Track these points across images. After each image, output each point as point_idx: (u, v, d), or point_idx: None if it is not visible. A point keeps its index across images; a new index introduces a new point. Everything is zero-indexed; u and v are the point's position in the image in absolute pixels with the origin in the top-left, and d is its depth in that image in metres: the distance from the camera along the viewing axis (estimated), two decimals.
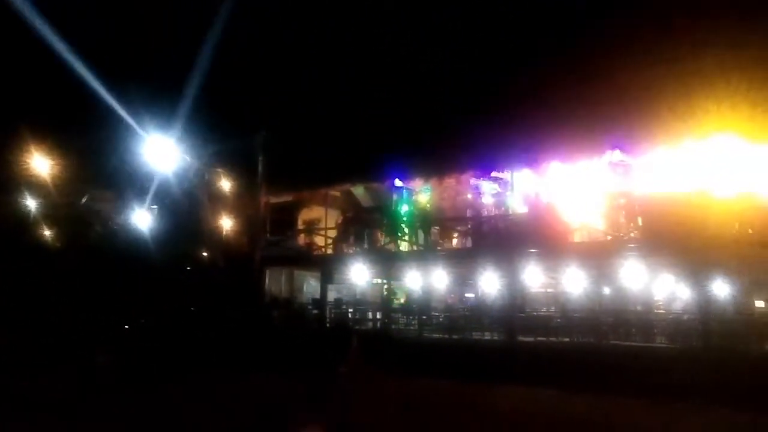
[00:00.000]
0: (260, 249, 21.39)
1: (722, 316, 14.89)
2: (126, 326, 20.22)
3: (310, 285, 22.12)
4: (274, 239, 21.98)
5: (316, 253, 21.21)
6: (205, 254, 22.09)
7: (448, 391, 13.53)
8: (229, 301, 20.22)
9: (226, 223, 22.39)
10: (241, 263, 21.47)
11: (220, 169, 20.83)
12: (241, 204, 22.14)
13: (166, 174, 20.51)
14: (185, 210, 22.83)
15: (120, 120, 18.95)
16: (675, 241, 14.81)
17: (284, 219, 22.10)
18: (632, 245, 16.14)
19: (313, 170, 20.25)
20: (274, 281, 22.45)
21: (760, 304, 16.09)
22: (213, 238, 22.20)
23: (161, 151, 19.56)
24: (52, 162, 19.48)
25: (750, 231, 14.33)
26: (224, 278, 20.80)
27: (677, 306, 16.64)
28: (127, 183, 20.87)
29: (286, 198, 22.04)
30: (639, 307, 16.99)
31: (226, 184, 21.12)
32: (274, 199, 21.88)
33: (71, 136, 19.54)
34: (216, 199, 22.00)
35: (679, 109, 14.22)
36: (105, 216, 20.92)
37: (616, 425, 10.88)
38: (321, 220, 21.80)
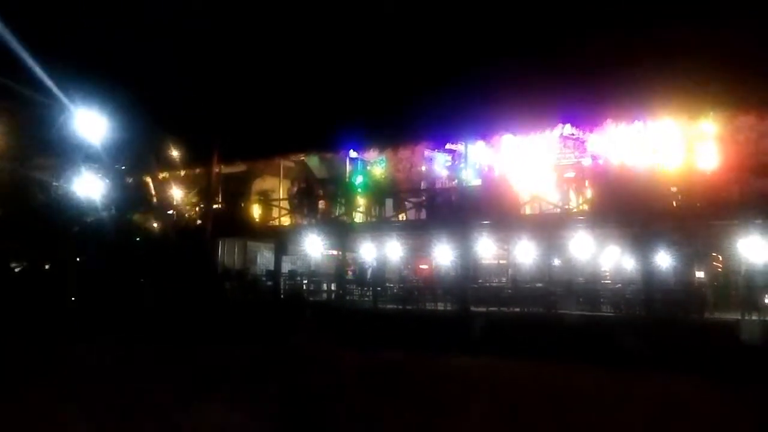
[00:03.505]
0: (212, 220, 21.04)
1: (665, 285, 15.46)
2: (71, 298, 19.70)
3: (264, 257, 21.94)
4: (226, 210, 21.62)
5: (270, 224, 20.97)
6: (155, 225, 21.60)
7: (401, 361, 13.70)
8: (180, 272, 19.87)
9: (177, 194, 21.90)
10: (193, 234, 21.10)
11: (170, 138, 20.25)
12: (193, 174, 21.66)
13: (112, 143, 19.85)
14: (134, 180, 22.22)
15: (64, 87, 18.20)
16: (622, 213, 15.26)
17: (237, 189, 21.71)
18: (581, 217, 16.56)
19: (266, 139, 19.86)
20: (228, 253, 22.17)
21: (699, 274, 16.77)
22: (163, 208, 21.71)
23: (108, 119, 18.91)
24: None
25: (697, 204, 14.83)
26: (175, 249, 20.40)
27: (622, 276, 17.20)
28: (71, 151, 20.10)
29: (239, 168, 21.62)
30: (586, 278, 17.49)
31: (176, 154, 20.58)
32: (226, 169, 21.45)
33: (10, 104, 18.64)
34: (167, 168, 21.46)
35: (629, 84, 14.48)
36: (48, 184, 20.11)
37: (563, 391, 11.24)
38: (275, 190, 21.52)
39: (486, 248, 18.22)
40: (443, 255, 18.19)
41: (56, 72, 17.97)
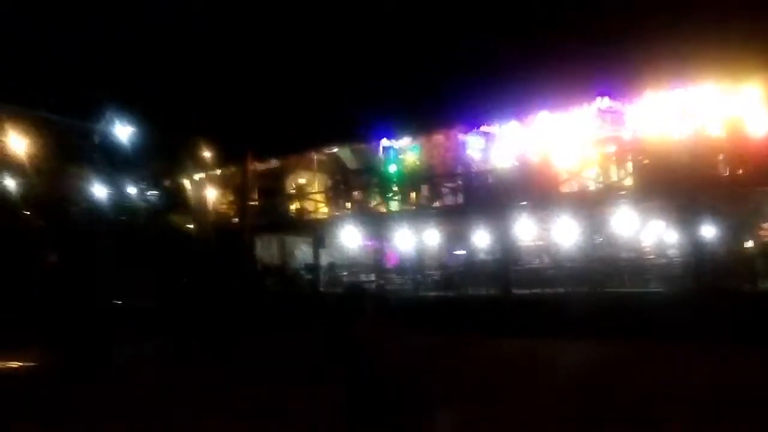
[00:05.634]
0: (249, 217, 21.22)
1: (713, 257, 15.00)
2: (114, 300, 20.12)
3: (302, 251, 22.05)
4: (263, 206, 21.80)
5: (306, 218, 21.05)
6: (193, 225, 21.92)
7: (452, 344, 13.65)
8: (221, 270, 20.14)
9: (214, 193, 22.18)
10: (232, 232, 21.35)
11: (204, 139, 20.50)
12: (229, 173, 21.90)
13: (147, 148, 20.20)
14: (171, 182, 22.58)
15: (99, 96, 18.61)
16: (665, 185, 14.84)
17: (272, 186, 21.86)
18: (623, 192, 16.16)
19: (299, 135, 19.93)
20: (266, 249, 22.35)
21: (749, 244, 16.22)
22: (201, 208, 22.01)
23: (143, 124, 19.25)
24: (29, 141, 19.08)
25: (740, 171, 14.35)
26: (214, 248, 20.69)
27: (669, 250, 16.74)
28: (109, 159, 20.54)
29: (272, 164, 21.75)
30: (631, 254, 17.08)
31: (211, 154, 20.83)
32: (261, 167, 21.59)
33: (46, 116, 19.12)
34: (203, 169, 21.74)
35: (666, 50, 14.06)
36: (88, 192, 20.58)
37: (614, 370, 11.02)
38: (310, 185, 21.59)
39: (526, 229, 17.92)
40: (482, 239, 17.98)
41: (91, 82, 18.35)
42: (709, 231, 15.23)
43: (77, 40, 20.66)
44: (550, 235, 17.72)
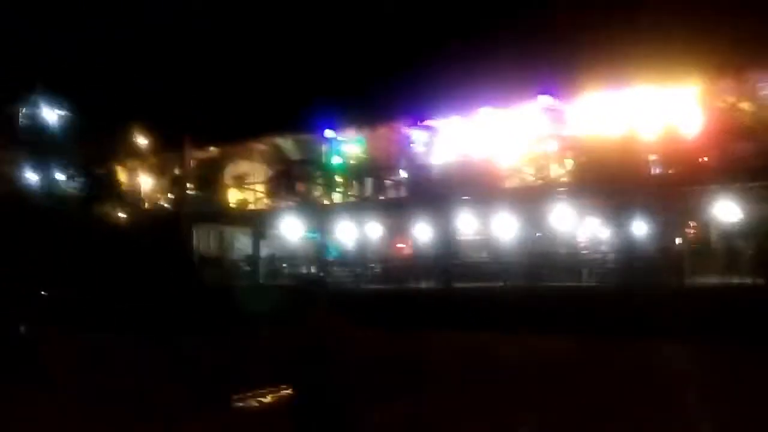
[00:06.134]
0: (186, 206, 20.58)
1: (644, 254, 15.56)
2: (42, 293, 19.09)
3: (242, 242, 21.52)
4: (201, 196, 21.15)
5: (246, 208, 20.58)
6: (124, 214, 21.04)
7: (393, 338, 13.63)
8: (153, 261, 19.40)
9: (148, 181, 21.36)
10: (166, 222, 20.63)
11: (139, 125, 19.67)
12: (164, 160, 21.12)
13: (76, 132, 19.22)
14: (101, 169, 21.59)
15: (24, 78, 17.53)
16: (601, 183, 15.30)
17: (212, 175, 21.23)
18: (561, 189, 16.57)
19: (239, 123, 19.42)
20: (203, 239, 21.70)
21: (678, 241, 16.93)
22: (134, 197, 21.16)
23: (72, 107, 18.26)
24: None
25: (675, 171, 14.94)
26: (147, 238, 19.90)
27: (603, 246, 17.28)
28: (33, 143, 19.42)
29: (212, 153, 21.12)
30: (568, 249, 17.54)
31: (146, 140, 20.02)
32: (199, 154, 20.94)
33: None
34: (136, 156, 20.88)
35: (607, 53, 14.43)
36: (14, 179, 19.41)
37: (549, 363, 11.36)
38: (250, 175, 21.10)
39: (467, 224, 18.12)
40: (425, 232, 18.05)
41: (16, 61, 17.29)
42: (641, 228, 15.79)
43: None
44: (491, 229, 17.95)
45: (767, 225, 14.48)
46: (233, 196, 21.09)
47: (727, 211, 14.85)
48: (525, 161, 17.29)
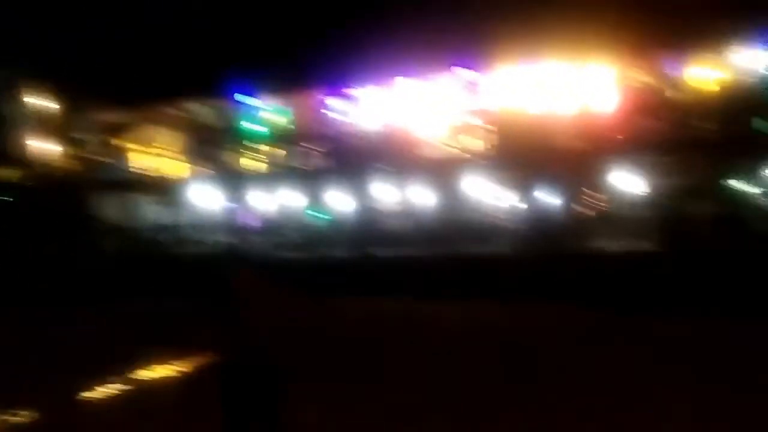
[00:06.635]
0: (90, 172, 19.43)
1: (554, 222, 16.27)
2: None
3: (153, 210, 20.59)
4: (108, 162, 20.01)
5: (158, 175, 19.69)
6: (21, 179, 19.56)
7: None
8: (53, 229, 18.23)
9: (49, 145, 19.91)
10: (69, 188, 19.39)
11: (37, 80, 18.17)
12: (68, 122, 19.70)
13: None
14: None
15: None
16: (516, 154, 15.80)
17: (119, 139, 20.07)
18: (477, 159, 16.96)
19: (152, 85, 18.39)
20: (110, 207, 20.59)
21: (586, 209, 17.79)
22: (32, 161, 19.69)
23: None
24: None
25: (582, 144, 15.63)
26: (46, 204, 18.64)
27: (518, 216, 17.88)
28: None
29: (121, 117, 19.93)
30: (483, 218, 18.03)
31: (46, 97, 18.55)
32: (107, 118, 19.70)
33: None
34: (32, 117, 19.33)
35: (526, 27, 14.72)
36: None
37: (465, 326, 11.81)
38: (163, 140, 20.12)
39: (386, 192, 18.23)
40: (343, 200, 18.00)
41: None
42: (553, 198, 16.45)
43: None
44: (409, 197, 18.17)
45: (666, 196, 15.51)
46: (143, 162, 20.08)
47: (630, 181, 15.76)
48: (442, 132, 17.51)
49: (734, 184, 14.90)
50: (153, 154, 19.97)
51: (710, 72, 15.57)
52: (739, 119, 14.40)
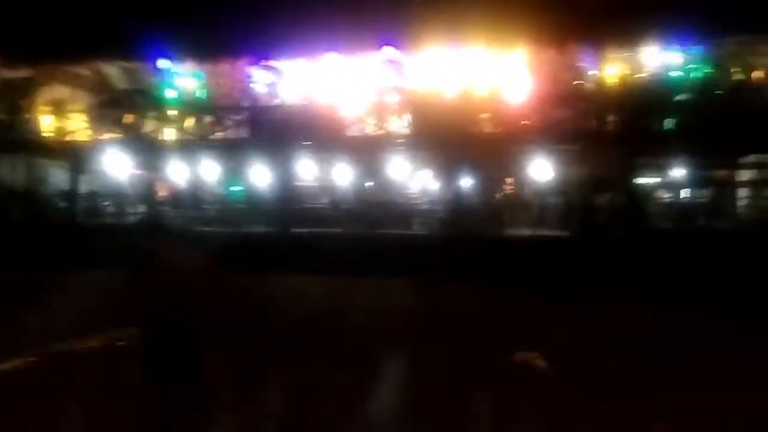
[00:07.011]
0: None
1: (470, 206, 16.82)
2: None
3: (58, 176, 19.46)
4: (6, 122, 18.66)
5: (63, 139, 18.60)
6: None
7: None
8: None
9: None
10: None
11: None
12: None
13: None
14: None
15: None
16: (435, 137, 16.15)
17: (21, 99, 18.73)
18: (399, 140, 17.19)
19: (57, 40, 17.24)
20: (8, 172, 19.27)
21: (499, 195, 18.52)
22: None
23: None
24: None
25: (498, 130, 16.21)
26: None
27: (436, 197, 18.33)
28: None
29: (21, 73, 18.59)
30: (403, 199, 18.36)
31: None
32: (5, 74, 18.32)
33: None
34: None
35: (446, 11, 15.00)
36: None
37: (380, 304, 12.16)
38: (69, 102, 18.98)
39: (307, 169, 18.15)
40: (264, 175, 17.74)
41: None
42: (469, 182, 16.99)
43: None
44: (330, 176, 18.19)
45: (574, 184, 16.40)
46: (48, 125, 18.88)
47: (542, 170, 16.53)
48: (366, 111, 17.59)
49: (636, 176, 15.96)
50: (61, 116, 18.80)
51: (621, 68, 16.56)
52: (644, 115, 15.39)
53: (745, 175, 17.23)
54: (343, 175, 17.75)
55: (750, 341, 8.88)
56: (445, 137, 15.83)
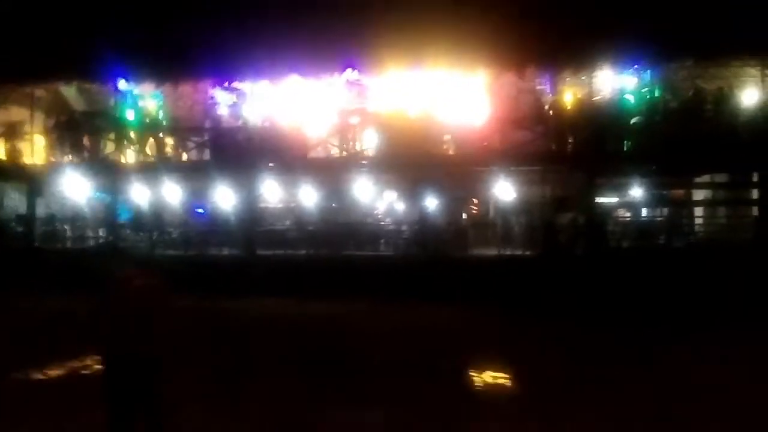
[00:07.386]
0: None
1: (435, 227, 16.94)
2: None
3: (13, 199, 18.93)
4: None
5: (19, 162, 18.13)
6: None
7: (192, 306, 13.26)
8: None
9: None
10: None
11: None
12: None
13: None
14: None
15: None
16: (399, 159, 16.26)
17: None
18: (364, 162, 17.26)
19: (13, 62, 16.87)
20: None
21: (463, 216, 18.72)
22: None
23: None
24: None
25: (464, 152, 16.43)
26: None
27: (401, 219, 18.40)
28: None
29: None
30: (368, 220, 18.39)
31: None
32: None
33: None
34: None
35: (410, 34, 15.20)
36: None
37: (348, 324, 12.12)
38: (25, 123, 18.53)
39: (272, 191, 18.05)
40: (228, 198, 17.56)
41: None
42: (434, 203, 17.13)
43: None
44: (295, 198, 18.13)
45: (536, 205, 16.70)
46: (4, 147, 18.40)
47: (505, 191, 16.77)
48: (330, 132, 17.64)
49: (596, 196, 16.32)
50: (17, 138, 18.34)
51: (578, 91, 17.02)
52: (601, 137, 15.79)
53: (700, 194, 17.82)
54: (308, 197, 17.70)
55: (712, 355, 9.11)
56: (409, 158, 15.95)
